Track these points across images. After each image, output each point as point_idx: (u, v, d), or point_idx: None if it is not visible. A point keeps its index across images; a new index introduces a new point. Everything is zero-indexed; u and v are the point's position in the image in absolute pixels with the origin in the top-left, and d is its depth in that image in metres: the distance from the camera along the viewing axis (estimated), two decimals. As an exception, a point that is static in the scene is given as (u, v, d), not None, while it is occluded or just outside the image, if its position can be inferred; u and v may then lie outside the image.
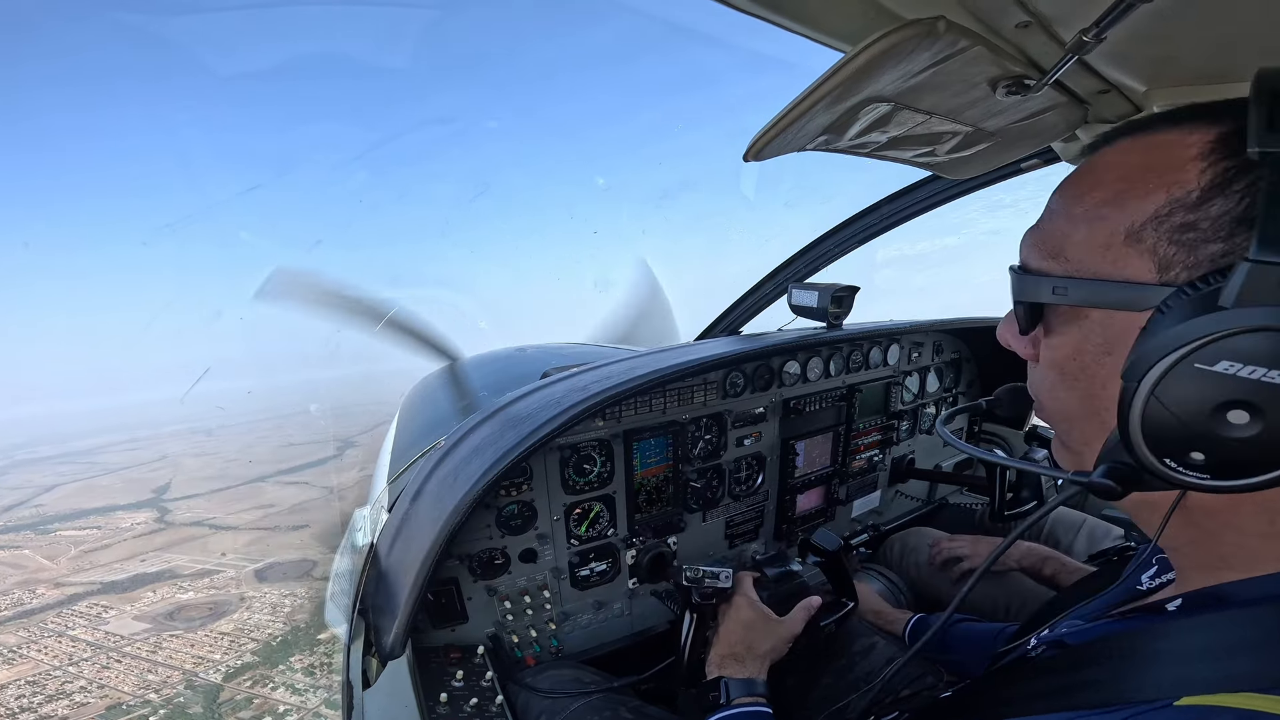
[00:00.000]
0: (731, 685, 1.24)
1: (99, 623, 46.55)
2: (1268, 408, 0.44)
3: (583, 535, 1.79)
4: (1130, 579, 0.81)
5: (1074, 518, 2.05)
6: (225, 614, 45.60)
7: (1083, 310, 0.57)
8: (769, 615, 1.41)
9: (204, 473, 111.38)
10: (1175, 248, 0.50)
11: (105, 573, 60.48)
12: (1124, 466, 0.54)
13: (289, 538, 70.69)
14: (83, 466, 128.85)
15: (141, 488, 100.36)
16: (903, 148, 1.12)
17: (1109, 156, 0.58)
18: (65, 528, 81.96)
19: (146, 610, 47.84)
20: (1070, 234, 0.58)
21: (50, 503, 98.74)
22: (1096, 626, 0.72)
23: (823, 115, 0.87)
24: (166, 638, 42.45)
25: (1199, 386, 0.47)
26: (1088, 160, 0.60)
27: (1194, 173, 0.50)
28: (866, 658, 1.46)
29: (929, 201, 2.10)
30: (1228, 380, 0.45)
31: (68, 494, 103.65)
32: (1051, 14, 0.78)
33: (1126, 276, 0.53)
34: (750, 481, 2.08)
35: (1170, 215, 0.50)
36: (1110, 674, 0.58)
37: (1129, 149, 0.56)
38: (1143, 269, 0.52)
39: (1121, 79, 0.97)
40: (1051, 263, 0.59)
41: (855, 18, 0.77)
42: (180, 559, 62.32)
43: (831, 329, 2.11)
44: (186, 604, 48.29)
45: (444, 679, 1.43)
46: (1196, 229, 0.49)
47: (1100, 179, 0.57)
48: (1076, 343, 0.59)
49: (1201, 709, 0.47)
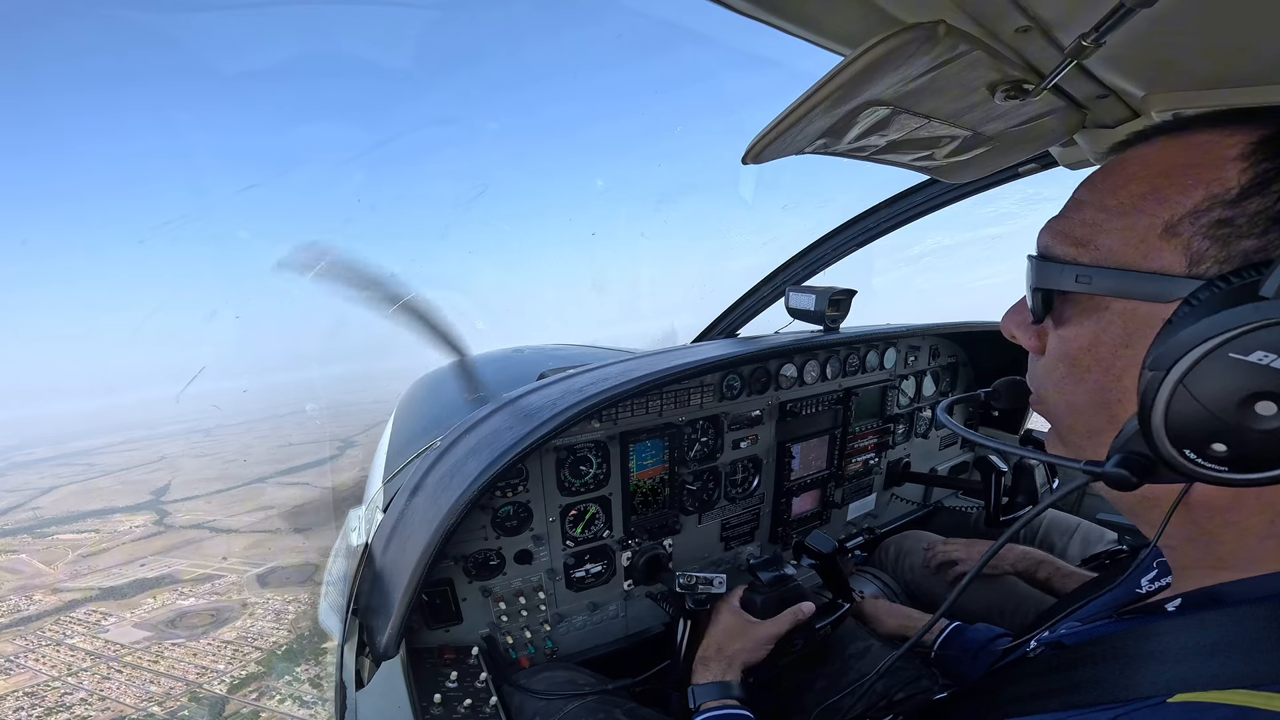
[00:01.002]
0: (697, 691, 1.24)
1: (98, 630, 45.66)
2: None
3: (578, 537, 1.79)
4: (1130, 581, 0.81)
5: (1068, 522, 2.06)
6: (228, 621, 44.75)
7: (1104, 300, 0.58)
8: (745, 618, 1.41)
9: (203, 474, 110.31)
10: (1209, 242, 0.51)
11: (104, 578, 59.54)
12: (1139, 458, 0.55)
13: (290, 541, 69.51)
14: (80, 468, 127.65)
15: (140, 489, 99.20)
16: (901, 151, 1.12)
17: (1146, 153, 0.58)
18: (63, 531, 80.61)
19: (147, 617, 46.97)
20: (1102, 224, 0.58)
21: (47, 505, 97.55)
22: (1094, 628, 0.73)
23: (822, 118, 0.87)
24: (168, 646, 41.56)
25: (1231, 376, 0.47)
26: (1120, 156, 0.61)
27: (1234, 172, 0.51)
28: (861, 660, 1.46)
29: (927, 205, 2.10)
30: (1261, 371, 0.46)
31: (65, 496, 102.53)
32: (1051, 19, 0.78)
33: (1156, 268, 0.54)
34: (746, 484, 2.08)
35: (1209, 211, 0.51)
36: (1106, 673, 0.58)
37: (1168, 146, 0.57)
38: (1174, 262, 0.53)
39: (1120, 84, 0.98)
40: (1078, 250, 0.60)
41: (855, 21, 0.77)
42: (180, 563, 61.37)
43: (828, 332, 2.12)
44: (188, 611, 47.49)
45: (438, 680, 1.42)
46: (1233, 225, 0.50)
47: (1136, 173, 0.57)
48: (1093, 334, 0.59)
49: (1194, 705, 0.47)
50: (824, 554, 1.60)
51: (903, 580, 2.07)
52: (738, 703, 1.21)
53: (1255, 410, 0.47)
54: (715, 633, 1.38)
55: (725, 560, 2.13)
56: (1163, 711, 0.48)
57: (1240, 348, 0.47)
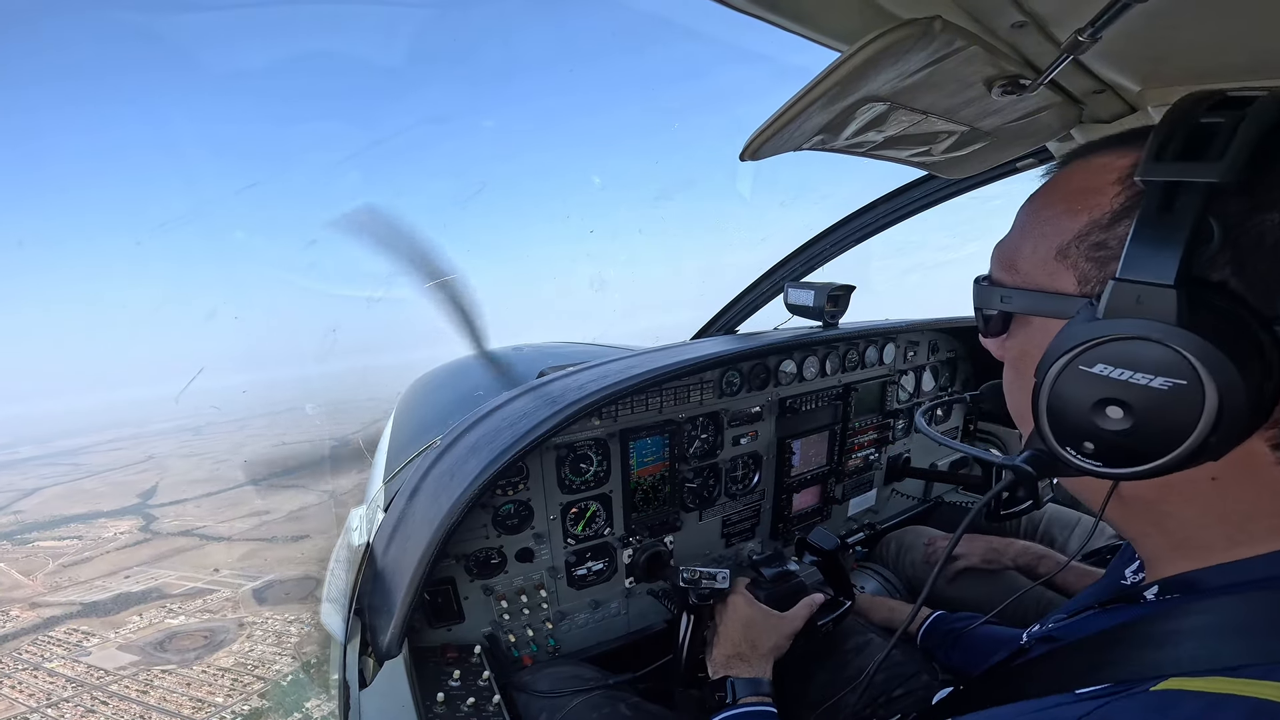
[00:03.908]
0: (738, 685, 1.25)
1: (80, 653, 41.58)
2: (1135, 404, 0.51)
3: (579, 534, 1.79)
4: (1114, 573, 0.83)
5: (1069, 516, 2.06)
6: (223, 644, 40.79)
7: (1026, 318, 0.64)
8: (769, 612, 1.41)
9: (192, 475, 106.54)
10: (1090, 264, 0.56)
11: (86, 591, 55.51)
12: (1041, 454, 0.63)
13: (288, 550, 64.93)
14: (66, 469, 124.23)
15: (126, 491, 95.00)
16: (898, 147, 1.12)
17: (1060, 176, 0.62)
18: (44, 538, 76.00)
19: (133, 639, 42.85)
20: (1020, 248, 0.63)
21: (30, 509, 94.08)
22: (1081, 620, 0.74)
23: (819, 115, 0.87)
24: (158, 674, 37.57)
25: (1082, 385, 0.53)
26: (1051, 178, 0.64)
27: (1110, 196, 0.55)
28: (860, 655, 1.47)
29: (924, 201, 2.10)
30: (1102, 380, 0.52)
31: (49, 499, 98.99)
32: (1047, 14, 0.78)
33: (1057, 289, 0.59)
34: (747, 480, 2.09)
35: (1089, 235, 0.56)
36: (1090, 663, 0.60)
37: (1076, 169, 0.60)
38: (1069, 282, 0.58)
39: (1116, 79, 0.98)
40: (1005, 274, 0.65)
41: (852, 17, 0.77)
42: (168, 574, 57.03)
43: (828, 328, 2.12)
44: (178, 631, 43.29)
45: (441, 679, 1.43)
46: (1106, 248, 0.54)
47: (1050, 198, 0.62)
48: (1023, 346, 0.65)
49: (1175, 694, 0.48)
50: (825, 550, 1.60)
51: (904, 576, 2.07)
52: (769, 699, 1.23)
53: (1107, 414, 0.52)
54: (740, 626, 1.38)
55: (726, 557, 2.13)
56: (1145, 699, 0.49)
57: (1086, 360, 0.52)
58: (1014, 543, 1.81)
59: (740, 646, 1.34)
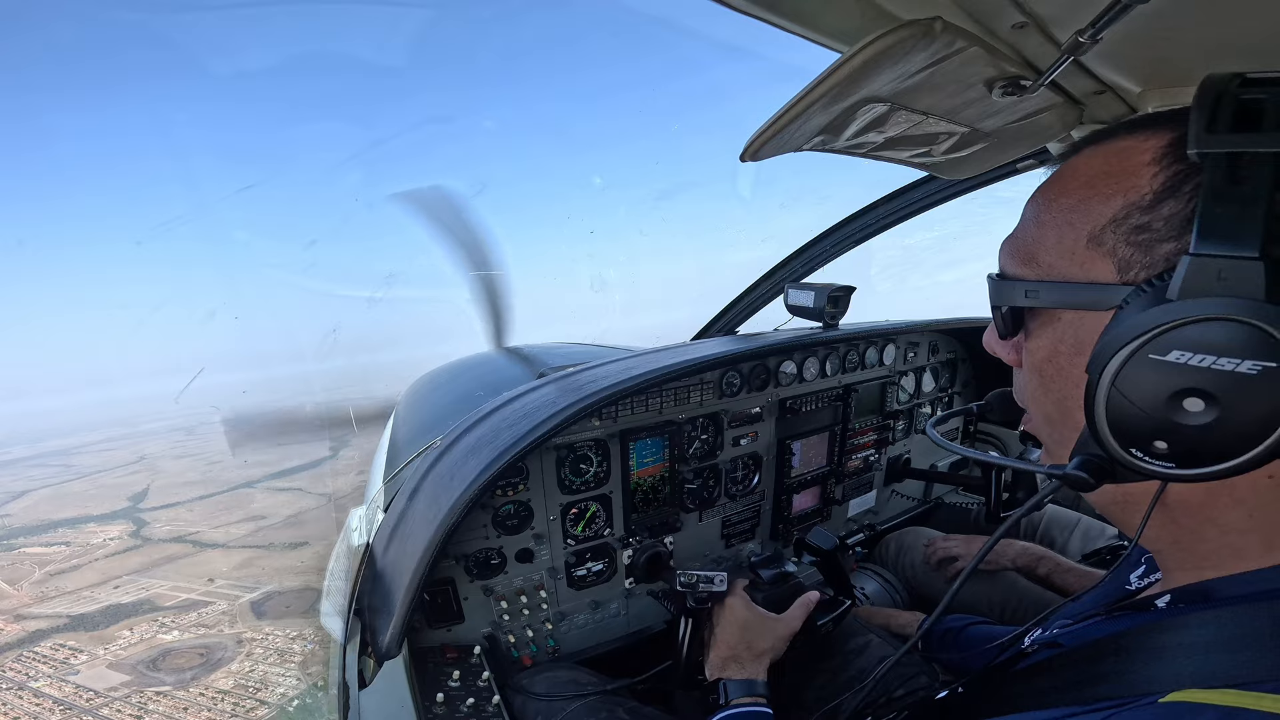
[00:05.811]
0: (730, 686, 1.25)
1: (67, 671, 38.09)
2: (1220, 394, 0.46)
3: (579, 535, 1.79)
4: (1118, 577, 0.81)
5: (1068, 517, 2.06)
6: (221, 663, 37.26)
7: (1055, 313, 0.60)
8: (766, 614, 1.41)
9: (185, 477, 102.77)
10: (1132, 249, 0.52)
11: (74, 602, 51.84)
12: (1096, 459, 0.57)
13: (287, 558, 60.87)
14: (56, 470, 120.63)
15: (116, 494, 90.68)
16: (899, 148, 1.12)
17: (1075, 164, 0.60)
18: (31, 543, 72.06)
19: (123, 656, 39.13)
20: (1040, 239, 0.60)
21: (18, 513, 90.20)
22: (1087, 626, 0.73)
23: (819, 115, 0.87)
24: (151, 696, 33.84)
25: (1154, 376, 0.49)
26: (1058, 169, 0.62)
27: (1147, 177, 0.52)
28: (860, 656, 1.47)
29: (925, 202, 2.10)
30: (1180, 369, 0.47)
31: (37, 502, 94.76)
32: (1048, 15, 0.78)
33: (1091, 278, 0.55)
34: (746, 481, 2.08)
35: (1127, 218, 0.53)
36: (1098, 672, 0.59)
37: (1092, 155, 0.58)
38: (1105, 270, 0.54)
39: (1117, 80, 0.98)
40: (1025, 268, 0.62)
41: (852, 18, 0.77)
42: (160, 585, 53.00)
43: (828, 329, 2.12)
44: (172, 648, 39.39)
45: (440, 679, 1.42)
46: (1150, 230, 0.51)
47: (1066, 186, 0.59)
48: (1052, 345, 0.61)
49: (1185, 706, 0.47)
50: (825, 551, 1.60)
51: (903, 577, 2.07)
52: (764, 700, 1.22)
53: (1185, 407, 0.48)
54: (736, 629, 1.37)
55: (726, 558, 2.13)
56: (1154, 711, 0.48)
57: (1158, 349, 0.48)
58: (1013, 543, 1.81)
59: (736, 649, 1.34)
